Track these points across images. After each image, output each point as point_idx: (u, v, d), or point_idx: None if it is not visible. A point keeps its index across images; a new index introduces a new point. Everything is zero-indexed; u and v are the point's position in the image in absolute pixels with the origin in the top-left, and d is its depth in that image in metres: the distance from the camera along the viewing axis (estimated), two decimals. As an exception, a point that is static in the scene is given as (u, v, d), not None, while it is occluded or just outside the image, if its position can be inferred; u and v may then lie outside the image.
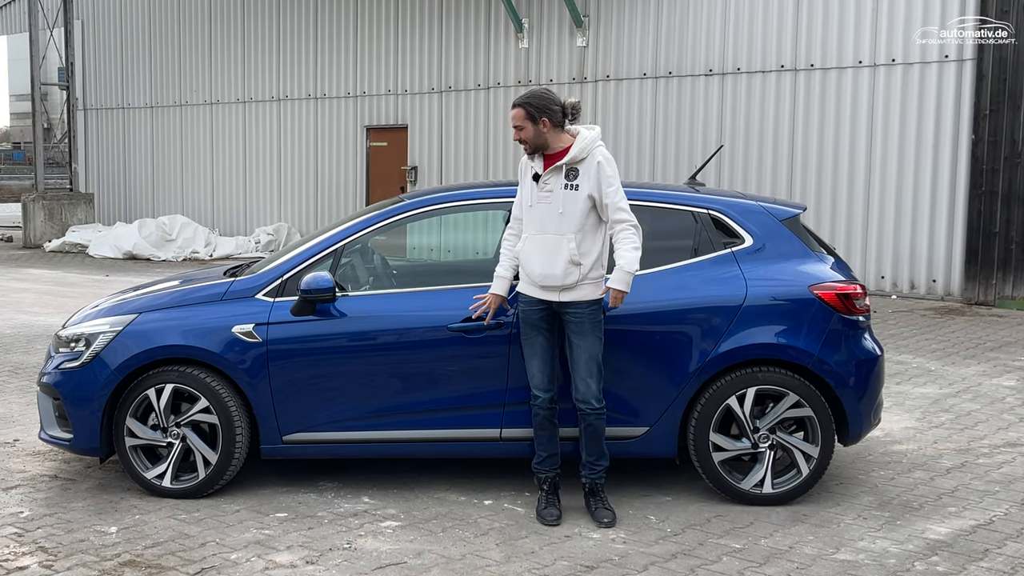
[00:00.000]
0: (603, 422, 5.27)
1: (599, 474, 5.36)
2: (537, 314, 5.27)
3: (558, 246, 5.15)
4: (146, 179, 23.01)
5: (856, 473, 6.12)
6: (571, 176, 5.17)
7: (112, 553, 4.83)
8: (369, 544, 4.97)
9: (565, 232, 5.14)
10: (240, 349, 5.51)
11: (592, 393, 5.19)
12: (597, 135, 5.27)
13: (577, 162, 5.17)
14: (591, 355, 5.19)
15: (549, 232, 5.17)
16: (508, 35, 17.32)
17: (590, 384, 5.19)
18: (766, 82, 14.69)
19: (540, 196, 5.22)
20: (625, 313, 5.45)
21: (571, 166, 5.18)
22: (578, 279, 5.14)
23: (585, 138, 5.21)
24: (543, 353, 5.28)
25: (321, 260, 5.69)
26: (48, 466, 6.19)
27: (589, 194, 5.13)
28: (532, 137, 5.21)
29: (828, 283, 5.55)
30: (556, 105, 5.23)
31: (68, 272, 17.20)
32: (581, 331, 5.18)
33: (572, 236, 5.13)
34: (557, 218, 5.16)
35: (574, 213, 5.14)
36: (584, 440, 5.31)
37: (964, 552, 4.89)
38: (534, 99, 5.22)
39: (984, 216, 13.02)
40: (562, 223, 5.14)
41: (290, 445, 5.61)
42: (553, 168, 5.19)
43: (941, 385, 8.48)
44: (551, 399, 5.28)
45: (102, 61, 23.62)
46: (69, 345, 5.76)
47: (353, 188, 19.56)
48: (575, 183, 5.15)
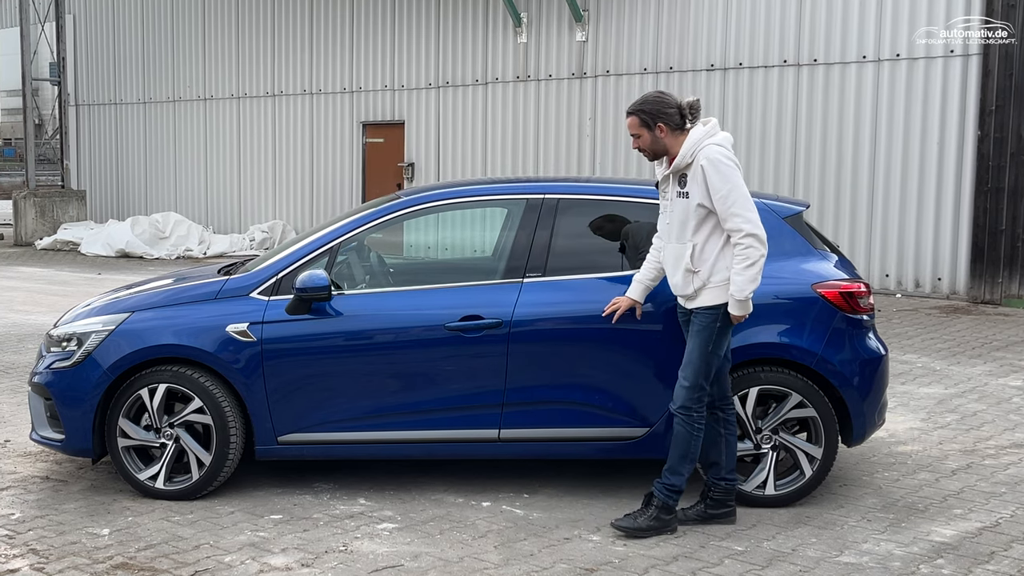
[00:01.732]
0: (687, 431, 5.07)
1: (661, 489, 5.11)
2: (682, 318, 5.28)
3: (680, 255, 5.08)
4: (139, 176, 23.00)
5: (860, 475, 6.12)
6: (682, 183, 5.06)
7: (104, 555, 4.83)
8: (365, 546, 4.96)
9: (685, 241, 5.06)
10: (234, 348, 5.51)
11: (678, 395, 5.08)
12: (706, 132, 5.06)
13: (684, 168, 5.03)
14: (689, 358, 5.08)
15: (673, 240, 5.13)
16: (506, 29, 17.32)
17: (679, 385, 5.09)
18: (768, 77, 14.70)
19: (664, 204, 5.22)
20: (625, 313, 5.46)
21: (682, 173, 5.05)
22: (696, 287, 5.04)
23: (690, 139, 5.04)
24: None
25: (317, 258, 5.69)
26: (39, 467, 6.18)
27: (699, 203, 4.98)
28: (650, 144, 5.11)
29: (832, 281, 5.55)
30: (672, 108, 5.08)
31: (60, 270, 17.19)
32: (692, 332, 5.12)
33: (689, 244, 5.04)
34: (678, 227, 5.08)
35: (688, 222, 5.03)
36: (670, 447, 5.18)
37: (970, 555, 4.89)
38: (647, 105, 5.10)
39: (990, 213, 13.02)
40: (682, 232, 5.06)
41: (285, 446, 5.61)
42: (665, 176, 5.13)
43: (946, 385, 8.48)
44: (711, 404, 5.20)
45: (94, 56, 23.60)
46: (61, 344, 5.76)
47: (349, 185, 19.55)
48: (685, 191, 5.04)
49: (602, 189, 6.02)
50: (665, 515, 5.11)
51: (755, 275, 4.93)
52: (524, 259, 5.62)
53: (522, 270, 5.60)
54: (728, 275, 4.99)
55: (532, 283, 5.56)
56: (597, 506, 5.53)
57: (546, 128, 16.97)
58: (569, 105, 16.72)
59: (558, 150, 16.85)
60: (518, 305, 5.50)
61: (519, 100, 17.24)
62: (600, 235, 5.80)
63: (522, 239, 5.69)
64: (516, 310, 5.49)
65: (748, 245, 4.91)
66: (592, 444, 5.62)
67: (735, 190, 4.93)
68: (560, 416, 5.53)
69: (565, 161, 16.81)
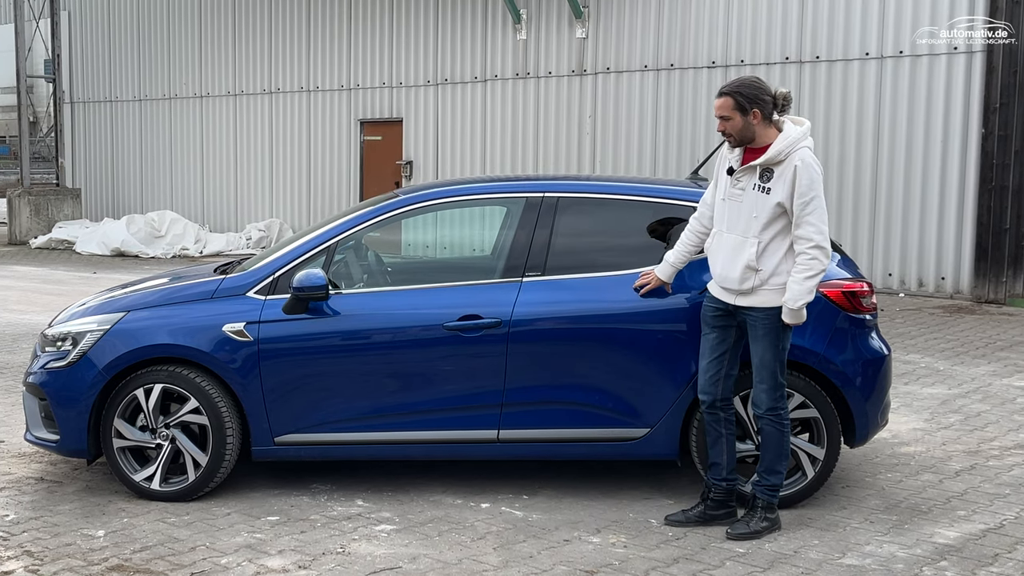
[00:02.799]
0: (777, 430, 5.09)
1: (763, 490, 5.16)
2: (712, 312, 5.19)
3: (740, 248, 5.00)
4: (134, 174, 22.99)
5: (863, 476, 6.12)
6: (765, 178, 4.95)
7: (99, 557, 4.83)
8: (363, 548, 4.96)
9: (749, 235, 4.98)
10: (231, 348, 5.51)
11: (762, 400, 5.08)
12: (803, 133, 4.98)
13: (774, 163, 4.93)
14: (762, 361, 5.06)
15: (735, 232, 5.04)
16: (506, 26, 17.31)
17: (759, 390, 5.09)
18: (770, 75, 14.68)
19: (731, 192, 5.06)
20: (626, 312, 5.46)
21: (767, 167, 4.96)
22: (755, 285, 5.00)
23: (788, 136, 4.94)
24: (711, 353, 5.20)
25: (314, 257, 5.69)
26: (34, 468, 6.18)
27: (779, 201, 4.90)
28: (740, 129, 4.99)
29: (834, 280, 5.53)
30: (768, 95, 4.98)
31: (55, 269, 17.18)
32: (755, 336, 5.08)
33: (754, 240, 4.97)
34: (745, 219, 5.00)
35: (760, 218, 4.95)
36: (761, 449, 5.21)
37: (974, 557, 4.89)
38: (745, 88, 4.98)
39: (994, 212, 13.01)
40: (749, 225, 4.98)
41: (282, 447, 5.61)
42: (747, 166, 5.01)
43: (950, 385, 8.48)
44: (711, 404, 5.21)
45: (89, 53, 23.59)
46: (55, 344, 5.75)
47: (347, 183, 19.55)
48: (767, 186, 4.94)
49: (603, 187, 6.02)
50: (771, 514, 5.17)
51: (813, 288, 4.93)
52: (523, 258, 5.62)
53: (521, 269, 5.60)
54: (786, 279, 4.96)
55: (531, 282, 5.56)
56: (597, 507, 5.53)
57: (546, 126, 16.96)
58: (569, 103, 16.72)
59: (558, 148, 16.85)
60: (517, 304, 5.50)
61: (518, 97, 17.23)
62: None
63: (521, 238, 5.69)
64: (515, 310, 5.49)
65: (813, 256, 4.89)
66: (592, 445, 5.62)
67: (817, 199, 4.89)
68: (560, 416, 5.53)
69: (565, 159, 16.80)
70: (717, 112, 5.05)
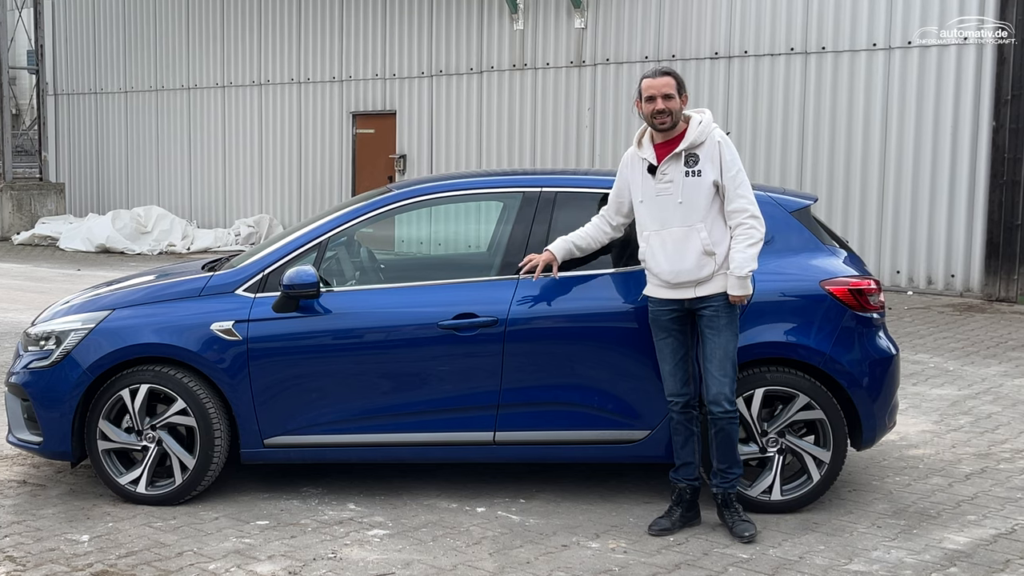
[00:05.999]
0: (735, 427, 5.18)
1: (731, 483, 5.24)
2: (667, 315, 5.23)
3: (687, 239, 5.10)
4: (120, 168, 22.97)
5: (870, 479, 6.12)
6: (691, 163, 5.12)
7: (84, 563, 4.82)
8: (355, 554, 4.96)
9: (693, 223, 5.10)
10: (219, 347, 5.51)
11: (724, 395, 5.12)
12: (711, 118, 5.22)
13: (696, 146, 5.12)
14: (726, 352, 5.13)
15: (673, 225, 5.13)
16: (502, 16, 17.30)
17: (723, 384, 5.12)
18: (775, 66, 14.69)
19: (659, 188, 5.16)
20: (626, 311, 5.46)
21: (690, 152, 5.12)
22: (714, 270, 5.10)
23: (701, 121, 5.16)
24: (674, 356, 5.25)
25: (305, 254, 5.68)
26: (16, 471, 6.18)
27: (713, 180, 5.09)
28: (678, 111, 5.15)
29: (840, 278, 5.55)
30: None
31: (38, 266, 17.17)
32: (716, 326, 5.13)
33: (701, 225, 5.09)
34: (680, 209, 5.11)
35: (697, 201, 5.09)
36: (715, 446, 5.23)
37: (984, 563, 4.90)
38: (676, 73, 5.21)
39: (1005, 207, 13.02)
40: (688, 214, 5.10)
41: (272, 449, 5.60)
42: (671, 156, 5.13)
43: (960, 386, 8.49)
44: (686, 404, 5.26)
45: (73, 44, 23.56)
46: (38, 343, 5.75)
47: (339, 178, 19.54)
48: (696, 169, 5.10)
49: (601, 182, 6.00)
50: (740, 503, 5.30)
51: (756, 254, 5.07)
52: (520, 255, 5.62)
53: (518, 266, 5.59)
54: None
55: (529, 280, 5.55)
56: (596, 512, 5.53)
57: (543, 119, 16.96)
58: (567, 95, 16.71)
59: (556, 141, 16.85)
60: (514, 303, 5.50)
61: (515, 89, 17.23)
62: None
63: (518, 234, 5.69)
64: (512, 308, 5.49)
65: (751, 226, 5.09)
66: (591, 447, 5.62)
67: (741, 171, 5.15)
68: (557, 418, 5.53)
69: (563, 153, 16.80)
70: (661, 91, 5.13)
